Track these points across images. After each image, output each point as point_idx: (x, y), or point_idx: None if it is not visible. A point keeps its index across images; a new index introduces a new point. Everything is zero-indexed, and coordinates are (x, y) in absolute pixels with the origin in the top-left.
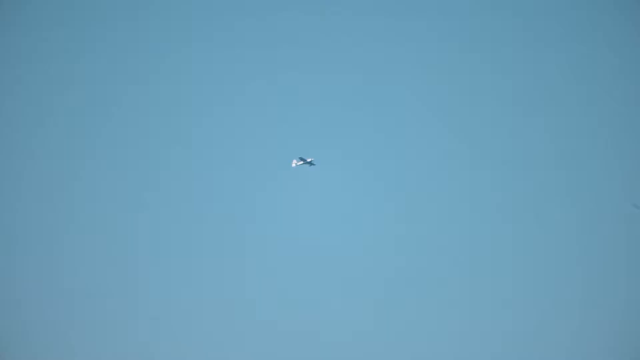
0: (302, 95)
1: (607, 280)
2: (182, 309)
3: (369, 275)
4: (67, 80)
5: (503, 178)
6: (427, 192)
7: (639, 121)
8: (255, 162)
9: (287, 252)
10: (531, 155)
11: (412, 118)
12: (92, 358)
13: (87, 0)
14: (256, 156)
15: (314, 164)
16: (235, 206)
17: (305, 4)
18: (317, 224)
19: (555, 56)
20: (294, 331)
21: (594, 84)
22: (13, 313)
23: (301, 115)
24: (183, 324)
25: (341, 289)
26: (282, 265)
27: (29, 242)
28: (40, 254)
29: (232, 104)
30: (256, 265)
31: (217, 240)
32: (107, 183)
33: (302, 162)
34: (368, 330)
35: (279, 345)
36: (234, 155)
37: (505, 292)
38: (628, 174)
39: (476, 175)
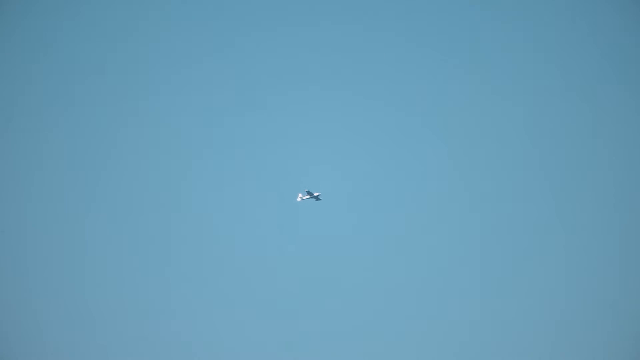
0: (301, 108)
1: (613, 282)
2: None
3: (372, 280)
4: (72, 80)
5: (509, 185)
6: (428, 199)
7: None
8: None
9: (290, 258)
10: (538, 158)
11: (417, 126)
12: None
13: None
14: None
15: (320, 199)
16: (237, 213)
17: (302, 17)
18: (319, 230)
19: (556, 59)
20: (296, 337)
21: (597, 88)
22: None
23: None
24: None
25: (343, 298)
26: (285, 271)
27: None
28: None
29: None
30: (260, 272)
31: (220, 248)
32: (107, 186)
33: (308, 197)
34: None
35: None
36: (237, 161)
37: (513, 300)
38: (629, 175)
39: (480, 181)
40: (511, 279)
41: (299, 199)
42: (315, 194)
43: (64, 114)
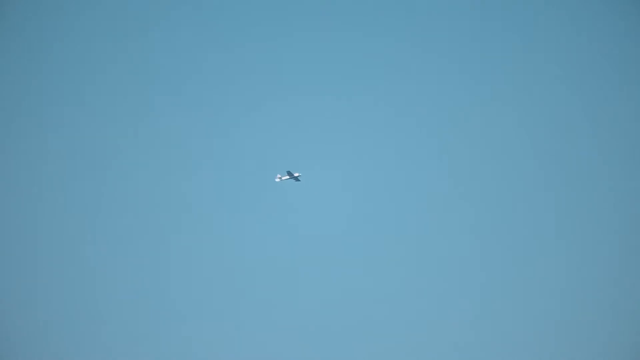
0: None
1: (617, 283)
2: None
3: (372, 281)
4: (73, 81)
5: (510, 186)
6: (429, 199)
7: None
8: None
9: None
10: (539, 158)
11: (418, 127)
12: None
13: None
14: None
15: (299, 180)
16: (236, 208)
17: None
18: (318, 224)
19: (557, 60)
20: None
21: (598, 90)
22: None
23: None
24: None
25: (343, 298)
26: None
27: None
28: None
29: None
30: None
31: (218, 249)
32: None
33: (287, 177)
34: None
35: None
36: (234, 157)
37: (518, 297)
38: (629, 175)
39: (480, 181)
40: (510, 279)
41: (277, 180)
42: (295, 175)
43: (64, 114)
